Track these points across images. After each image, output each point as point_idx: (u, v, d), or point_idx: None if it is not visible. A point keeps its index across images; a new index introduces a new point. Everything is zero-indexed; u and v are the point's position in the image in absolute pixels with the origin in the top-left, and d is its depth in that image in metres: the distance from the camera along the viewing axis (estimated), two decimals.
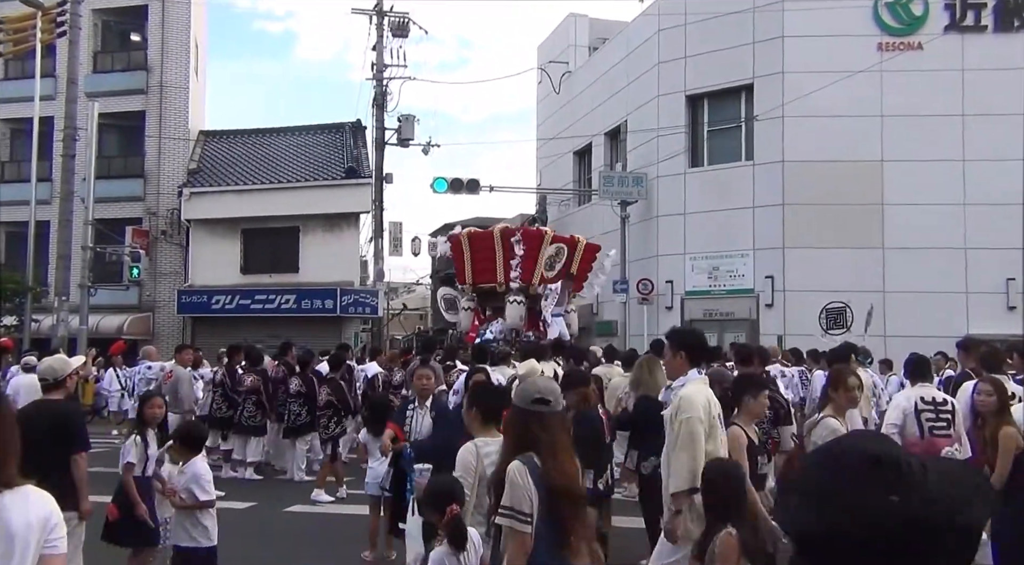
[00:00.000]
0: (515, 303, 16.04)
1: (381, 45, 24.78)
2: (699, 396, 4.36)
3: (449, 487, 3.70)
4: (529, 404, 3.19)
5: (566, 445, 3.23)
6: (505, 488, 3.08)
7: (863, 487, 1.08)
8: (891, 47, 18.47)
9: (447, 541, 3.54)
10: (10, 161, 25.26)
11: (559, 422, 3.26)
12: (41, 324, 19.43)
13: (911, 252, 17.85)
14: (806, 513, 1.13)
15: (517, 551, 3.03)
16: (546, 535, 3.05)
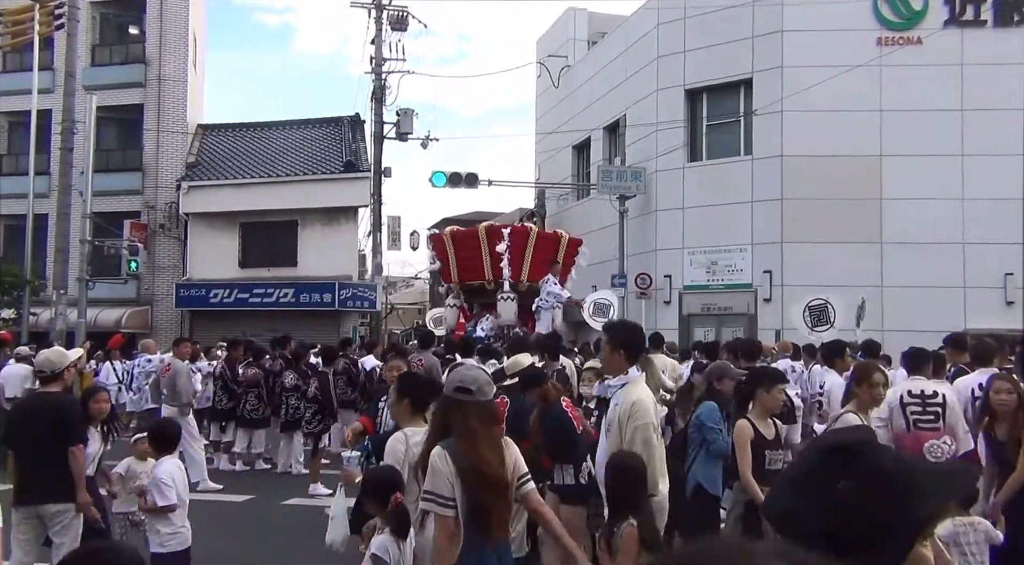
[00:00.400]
0: (507, 300, 16.22)
1: (380, 39, 24.74)
2: (649, 400, 4.31)
3: (393, 476, 3.71)
4: (452, 392, 3.29)
5: (487, 433, 3.27)
6: (427, 473, 3.14)
7: (816, 473, 1.15)
8: (890, 42, 18.45)
9: (390, 529, 3.55)
10: (8, 154, 25.23)
11: (481, 410, 3.29)
12: (39, 317, 19.45)
13: (909, 247, 17.86)
14: (773, 498, 1.24)
15: (441, 534, 3.08)
16: (468, 519, 3.10)
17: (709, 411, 5.55)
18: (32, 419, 4.89)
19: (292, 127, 26.58)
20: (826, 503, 1.11)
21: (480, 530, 3.11)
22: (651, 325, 19.79)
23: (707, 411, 5.56)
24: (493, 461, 3.21)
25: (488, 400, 3.40)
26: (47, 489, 4.62)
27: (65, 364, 5.20)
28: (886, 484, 1.11)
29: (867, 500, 1.10)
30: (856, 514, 1.10)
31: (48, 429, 4.75)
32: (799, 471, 1.22)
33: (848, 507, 1.10)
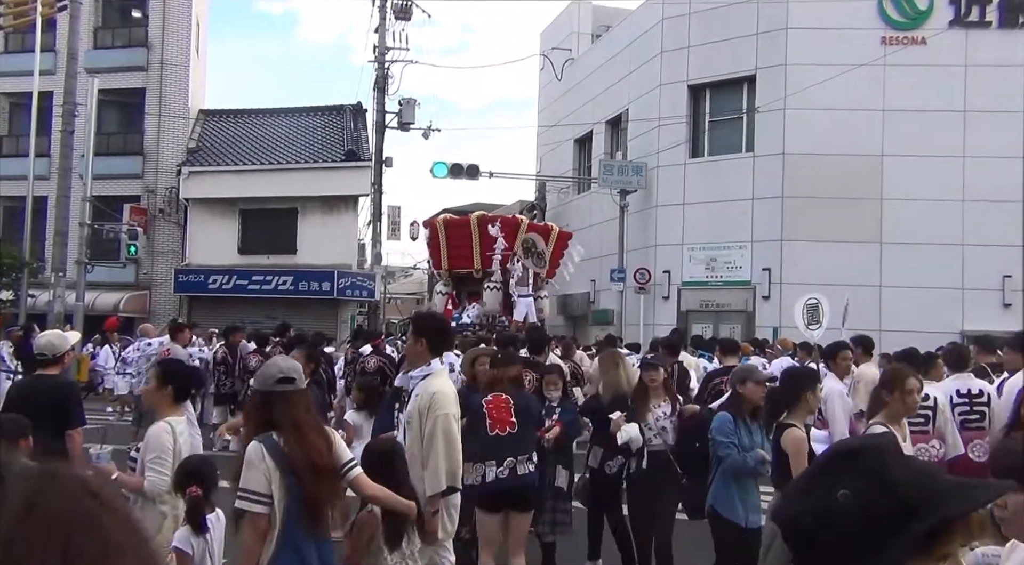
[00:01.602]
0: (493, 289, 16.36)
1: (383, 27, 24.65)
2: (451, 391, 4.22)
3: (194, 467, 3.58)
4: (273, 385, 3.20)
5: (312, 422, 3.27)
6: (242, 470, 3.06)
7: (821, 479, 1.13)
8: (895, 41, 18.43)
9: (187, 521, 3.47)
10: (8, 135, 25.17)
11: (306, 399, 3.29)
12: (37, 300, 19.41)
13: (909, 247, 17.88)
14: (782, 504, 1.21)
15: (250, 532, 3.02)
16: (296, 511, 3.05)
17: (720, 423, 4.97)
18: (32, 402, 4.86)
19: (294, 114, 26.52)
20: (825, 510, 1.09)
21: (309, 522, 3.07)
22: (649, 321, 19.85)
23: (719, 423, 4.98)
24: (324, 450, 3.19)
25: (306, 389, 3.38)
26: None
27: (66, 348, 5.19)
28: (887, 493, 1.07)
29: (864, 509, 1.06)
30: (852, 523, 1.07)
31: (48, 412, 4.73)
32: (807, 476, 1.19)
33: (844, 515, 1.07)
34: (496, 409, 5.03)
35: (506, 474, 4.86)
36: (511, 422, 4.97)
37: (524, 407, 5.13)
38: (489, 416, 4.99)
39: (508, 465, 4.86)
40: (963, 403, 5.64)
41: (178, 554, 3.41)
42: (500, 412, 5.02)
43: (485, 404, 5.06)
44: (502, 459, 4.87)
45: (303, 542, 3.07)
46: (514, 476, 4.87)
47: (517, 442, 4.95)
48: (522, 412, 5.06)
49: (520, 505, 5.00)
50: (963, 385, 5.67)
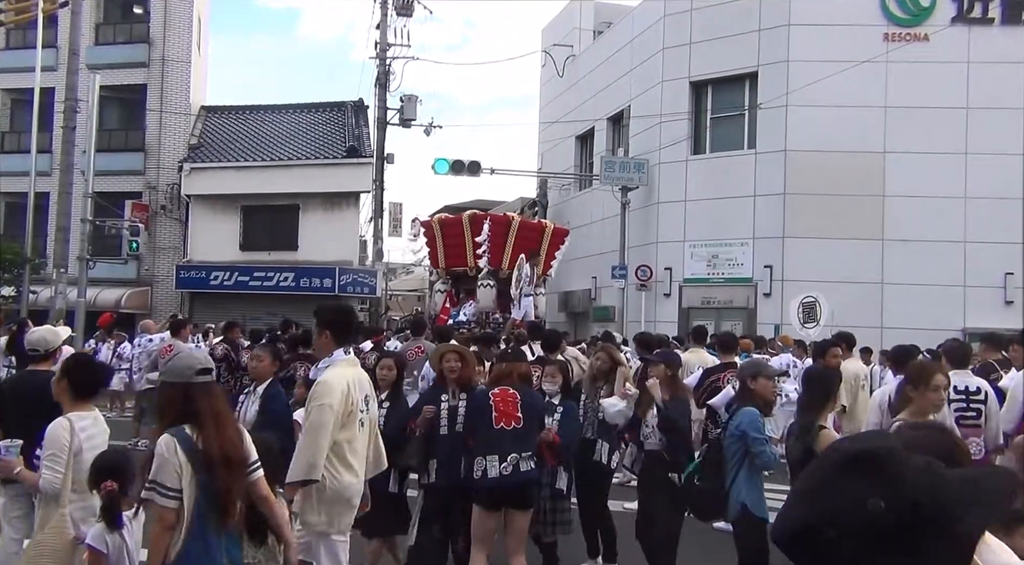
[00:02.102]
0: (486, 286, 16.50)
1: (385, 24, 24.64)
2: (339, 382, 4.07)
3: (109, 463, 3.49)
4: (192, 377, 3.16)
5: (230, 414, 3.28)
6: (153, 463, 3.03)
7: (834, 485, 1.04)
8: (897, 38, 18.39)
9: (103, 518, 3.39)
10: (10, 132, 25.17)
11: (220, 391, 3.30)
12: (39, 296, 19.43)
13: (910, 244, 17.86)
14: (787, 515, 1.10)
15: (158, 525, 3.00)
16: (206, 505, 3.03)
17: (752, 418, 4.75)
18: (24, 397, 4.83)
19: (295, 111, 26.51)
20: (850, 519, 0.99)
21: (218, 516, 3.05)
22: (651, 317, 19.84)
23: (750, 418, 4.75)
24: (239, 444, 3.19)
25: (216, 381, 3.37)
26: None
27: (58, 343, 5.13)
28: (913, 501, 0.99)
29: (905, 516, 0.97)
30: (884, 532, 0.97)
31: (39, 408, 4.61)
32: (814, 481, 1.08)
33: (875, 525, 0.97)
34: (503, 402, 4.96)
35: (509, 470, 4.76)
36: (517, 417, 4.90)
37: (530, 403, 5.07)
38: (496, 409, 4.92)
39: (511, 461, 4.77)
40: (960, 400, 5.64)
41: (91, 552, 3.32)
42: (507, 406, 4.94)
43: (492, 396, 4.99)
44: (505, 454, 4.78)
45: (212, 536, 3.05)
46: (517, 473, 4.78)
47: (521, 438, 4.88)
48: (528, 408, 4.99)
49: (521, 503, 4.92)
50: (961, 382, 5.65)
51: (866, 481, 1.01)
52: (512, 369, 5.18)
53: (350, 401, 4.09)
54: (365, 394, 4.25)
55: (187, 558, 3.00)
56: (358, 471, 4.21)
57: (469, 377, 5.54)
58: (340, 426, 4.03)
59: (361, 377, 4.30)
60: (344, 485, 4.08)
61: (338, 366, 4.18)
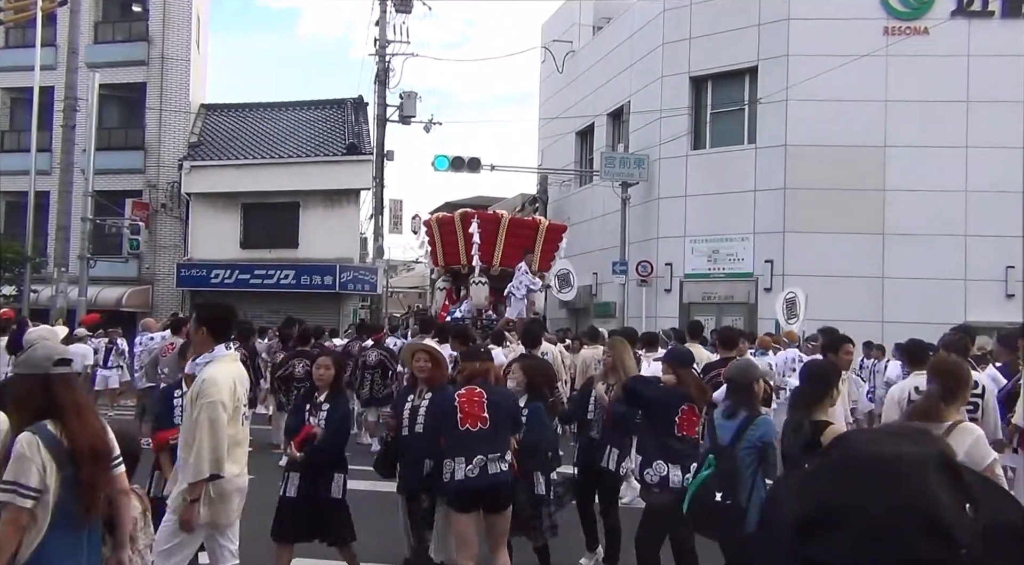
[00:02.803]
0: (479, 284, 16.63)
1: (384, 20, 24.63)
2: (224, 378, 4.10)
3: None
4: (51, 367, 3.04)
5: (89, 404, 3.23)
6: (10, 462, 2.91)
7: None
8: (897, 31, 18.36)
9: None
10: (10, 130, 25.18)
11: (79, 383, 3.26)
12: (40, 294, 19.45)
13: (911, 238, 17.85)
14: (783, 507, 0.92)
15: (10, 528, 2.87)
16: (72, 499, 2.96)
17: (771, 426, 4.63)
18: None
19: (295, 108, 26.50)
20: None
21: (82, 510, 2.99)
22: (651, 313, 19.84)
23: (769, 427, 4.62)
24: (103, 435, 3.13)
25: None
26: None
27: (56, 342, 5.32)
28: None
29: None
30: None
31: None
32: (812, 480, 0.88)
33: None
34: (468, 403, 4.77)
35: (476, 473, 4.62)
36: (483, 417, 4.72)
37: (498, 403, 4.86)
38: (460, 410, 4.75)
39: (478, 463, 4.62)
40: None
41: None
42: (472, 406, 4.76)
43: (457, 397, 4.82)
44: (471, 456, 4.63)
45: (75, 531, 3.01)
46: (484, 475, 4.63)
47: (488, 439, 4.69)
48: (494, 408, 4.79)
49: (494, 505, 4.78)
50: (922, 382, 5.56)
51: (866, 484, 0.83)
52: (483, 368, 5.01)
53: (235, 396, 4.13)
54: (245, 388, 4.32)
55: (49, 554, 2.92)
56: (242, 465, 4.27)
57: (440, 377, 5.35)
58: (229, 420, 4.07)
59: (241, 372, 4.34)
60: (230, 480, 4.12)
61: (221, 362, 4.21)
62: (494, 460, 4.68)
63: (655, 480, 5.06)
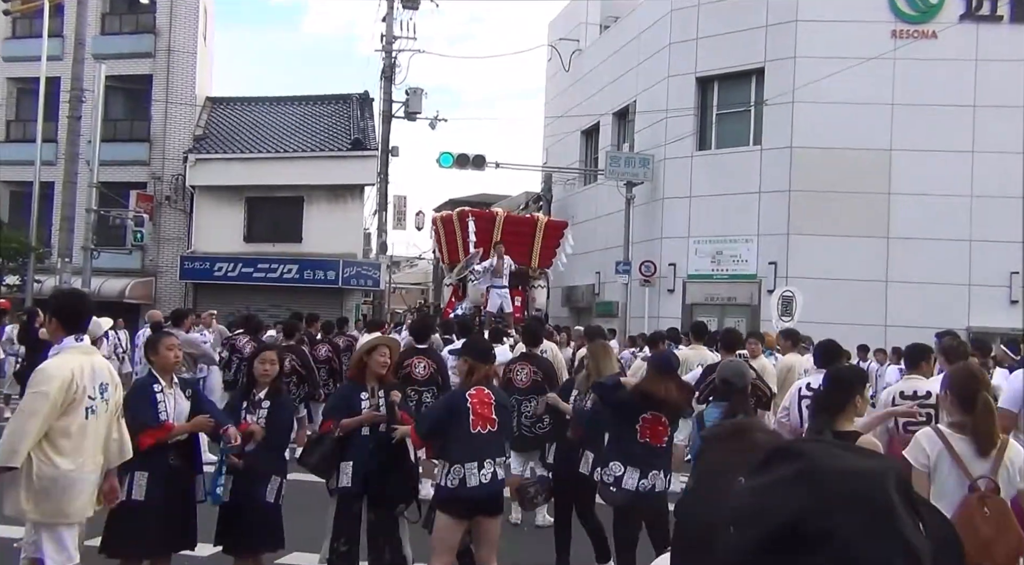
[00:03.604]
0: (474, 281, 16.75)
1: (391, 16, 24.64)
2: (60, 370, 3.98)
3: None
4: None
5: None
6: None
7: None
8: (905, 34, 18.31)
9: None
10: (16, 120, 25.21)
11: None
12: (43, 285, 19.48)
13: (916, 242, 17.80)
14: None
15: None
16: None
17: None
18: None
19: (301, 103, 26.51)
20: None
21: None
22: (654, 313, 19.83)
23: None
24: None
25: None
26: None
27: (100, 333, 5.68)
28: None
29: None
30: None
31: None
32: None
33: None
34: (480, 404, 4.61)
35: (488, 478, 4.49)
36: (492, 420, 4.60)
37: (503, 405, 4.77)
38: (473, 412, 4.57)
39: (488, 468, 4.50)
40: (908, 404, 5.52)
41: None
42: (484, 408, 4.61)
43: (469, 398, 4.63)
44: (483, 460, 4.50)
45: None
46: (495, 481, 4.53)
47: (495, 443, 4.61)
48: (501, 410, 4.70)
49: (494, 510, 4.65)
50: (909, 386, 5.45)
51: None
52: (493, 369, 4.81)
53: (73, 388, 3.98)
54: (101, 382, 4.13)
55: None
56: (77, 458, 4.05)
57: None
58: (60, 413, 3.97)
59: (96, 364, 4.18)
60: (60, 473, 3.98)
61: (67, 353, 4.10)
62: (499, 465, 4.58)
63: (609, 479, 5.13)
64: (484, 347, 5.10)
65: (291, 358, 10.22)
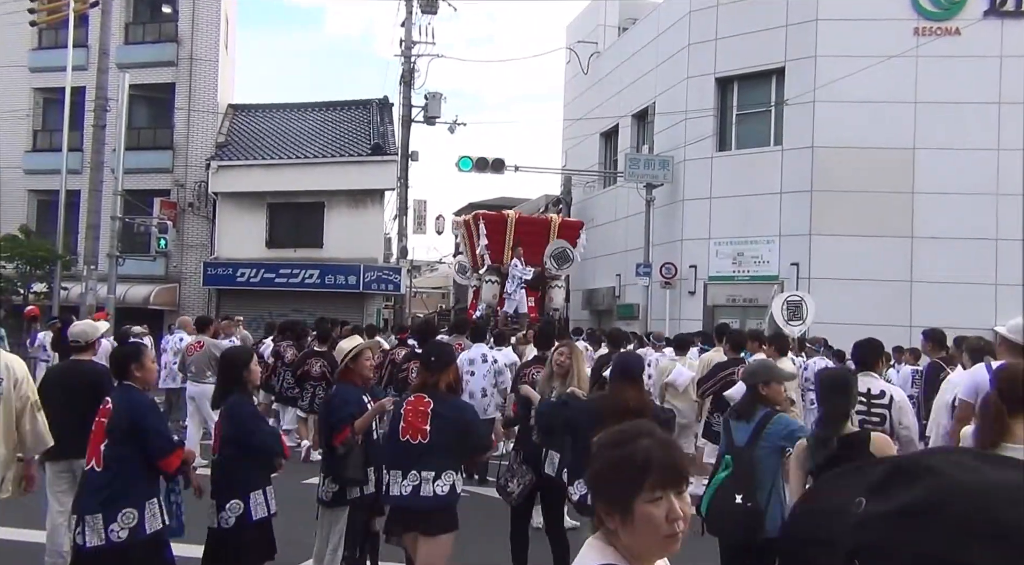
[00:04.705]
0: (489, 282, 16.84)
1: (410, 22, 24.73)
2: None
3: None
4: None
5: None
6: None
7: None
8: (928, 32, 18.12)
9: None
10: (42, 130, 25.59)
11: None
12: (70, 292, 19.77)
13: (941, 242, 17.60)
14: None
15: None
16: None
17: (788, 427, 4.32)
18: (70, 384, 5.37)
19: (321, 109, 26.69)
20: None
21: None
22: (675, 315, 19.73)
23: (787, 427, 4.32)
24: None
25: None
26: (82, 446, 4.94)
27: (96, 335, 5.75)
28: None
29: None
30: None
31: (84, 393, 5.09)
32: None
33: None
34: (413, 412, 4.37)
35: (408, 491, 4.26)
36: (423, 430, 4.29)
37: (443, 415, 4.35)
38: (404, 419, 4.37)
39: (412, 480, 4.26)
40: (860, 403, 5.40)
41: None
42: (416, 417, 4.35)
43: (405, 404, 4.46)
44: (407, 471, 4.28)
45: None
46: (415, 496, 4.25)
47: (422, 456, 4.28)
48: (438, 420, 4.32)
49: (424, 530, 4.30)
50: (863, 384, 5.16)
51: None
52: (435, 379, 4.46)
53: None
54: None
55: None
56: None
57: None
58: None
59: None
60: None
61: None
62: (428, 480, 4.26)
63: (576, 497, 5.03)
64: (433, 353, 4.73)
65: (322, 363, 10.33)
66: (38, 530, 5.62)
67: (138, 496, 4.02)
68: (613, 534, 1.61)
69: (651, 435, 1.64)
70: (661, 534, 1.57)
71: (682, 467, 1.62)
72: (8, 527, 6.09)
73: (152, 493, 4.11)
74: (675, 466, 1.60)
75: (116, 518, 3.95)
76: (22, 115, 25.03)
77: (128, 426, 4.05)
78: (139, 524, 3.98)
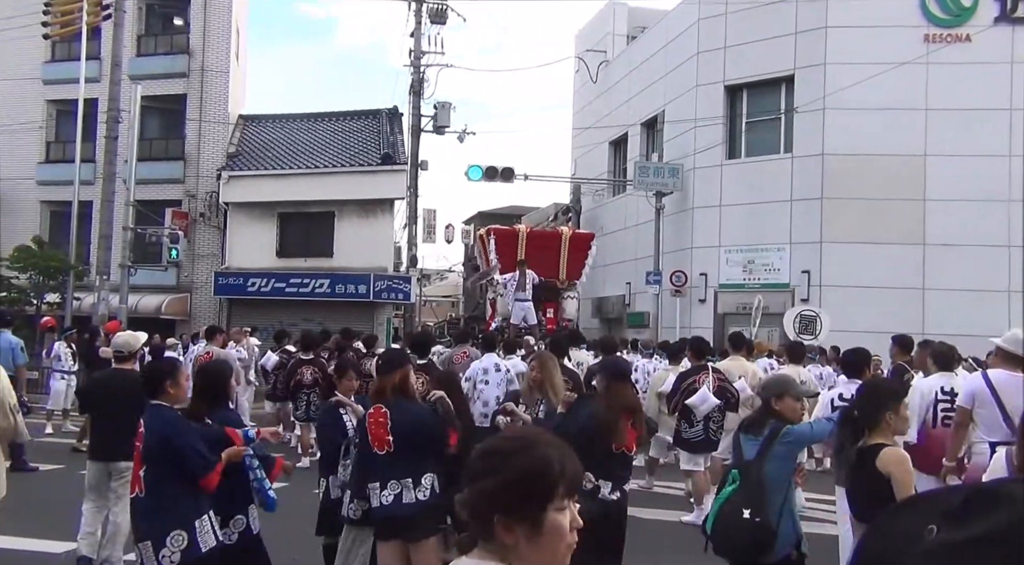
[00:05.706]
0: (501, 296, 16.94)
1: (419, 32, 24.82)
2: None
3: None
4: None
5: None
6: None
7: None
8: (938, 39, 18.07)
9: None
10: (56, 141, 25.79)
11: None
12: (82, 302, 19.87)
13: (953, 249, 17.50)
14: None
15: None
16: None
17: (797, 434, 4.26)
18: (111, 392, 5.81)
19: (331, 119, 26.80)
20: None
21: None
22: (685, 324, 19.68)
23: (796, 434, 4.26)
24: None
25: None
26: (120, 450, 5.40)
27: (137, 346, 6.21)
28: None
29: None
30: None
31: (124, 401, 5.43)
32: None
33: None
34: (375, 423, 4.39)
35: (390, 500, 4.31)
36: (387, 440, 4.33)
37: (402, 422, 4.35)
38: (369, 431, 4.39)
39: (392, 489, 4.32)
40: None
41: None
42: (378, 428, 4.38)
43: (367, 417, 4.46)
44: (385, 481, 4.33)
45: None
46: (398, 504, 4.30)
47: (392, 465, 4.33)
48: (399, 427, 4.34)
49: (410, 536, 4.35)
50: (848, 391, 5.43)
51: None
52: (385, 383, 4.46)
53: None
54: None
55: None
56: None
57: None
58: None
59: None
60: None
61: None
62: (408, 487, 4.32)
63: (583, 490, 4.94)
64: (382, 358, 4.73)
65: (312, 371, 10.41)
66: (37, 539, 5.84)
67: (185, 516, 3.85)
68: (508, 549, 1.46)
69: (548, 441, 1.54)
70: (565, 543, 1.48)
71: (581, 473, 1.56)
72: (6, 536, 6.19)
73: (201, 510, 3.91)
74: (579, 472, 1.53)
75: (165, 543, 3.80)
76: (35, 127, 25.24)
77: (161, 448, 3.90)
78: (191, 544, 3.82)
